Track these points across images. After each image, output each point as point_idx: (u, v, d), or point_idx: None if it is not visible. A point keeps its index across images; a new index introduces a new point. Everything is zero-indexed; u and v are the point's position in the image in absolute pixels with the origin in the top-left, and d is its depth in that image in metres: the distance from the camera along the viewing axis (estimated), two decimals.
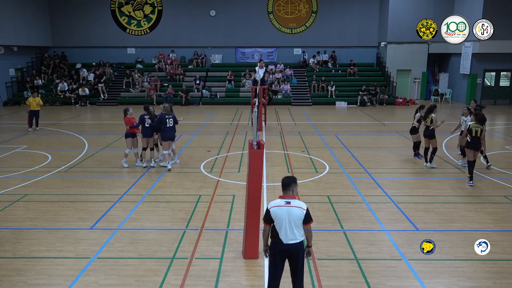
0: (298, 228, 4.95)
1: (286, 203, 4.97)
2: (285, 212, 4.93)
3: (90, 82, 26.90)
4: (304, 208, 4.97)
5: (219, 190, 9.91)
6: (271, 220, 5.00)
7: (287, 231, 4.93)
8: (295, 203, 4.98)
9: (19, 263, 6.56)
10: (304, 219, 4.94)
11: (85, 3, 28.63)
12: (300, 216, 4.93)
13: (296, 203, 4.99)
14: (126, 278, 6.10)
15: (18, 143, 15.02)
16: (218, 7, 28.67)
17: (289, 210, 4.93)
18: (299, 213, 4.94)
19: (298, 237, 4.96)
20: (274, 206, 5.00)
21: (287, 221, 4.92)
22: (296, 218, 4.92)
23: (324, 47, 29.26)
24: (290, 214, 4.92)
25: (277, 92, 26.50)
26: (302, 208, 4.96)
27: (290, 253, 5.00)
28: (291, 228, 4.92)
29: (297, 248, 4.98)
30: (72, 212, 8.57)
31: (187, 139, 15.60)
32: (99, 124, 20.16)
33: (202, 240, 7.28)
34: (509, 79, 26.09)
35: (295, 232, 4.94)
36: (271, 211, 4.99)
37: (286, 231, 4.93)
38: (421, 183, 10.62)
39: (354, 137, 16.06)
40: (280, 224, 4.94)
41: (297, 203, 4.99)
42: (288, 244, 4.95)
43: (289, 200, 4.99)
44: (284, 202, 4.98)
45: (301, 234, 5.00)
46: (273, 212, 4.97)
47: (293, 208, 4.94)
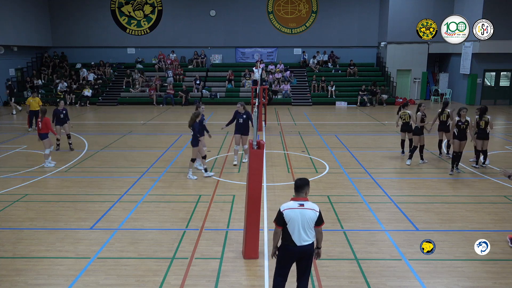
0: (310, 230, 4.96)
1: (299, 205, 4.95)
2: (299, 214, 4.92)
3: (90, 82, 26.92)
4: (317, 210, 4.98)
5: (219, 190, 9.91)
6: (284, 223, 4.96)
7: (300, 234, 4.93)
8: (309, 205, 4.98)
9: (19, 263, 6.56)
10: (316, 221, 4.96)
11: (85, 3, 28.64)
12: (313, 218, 4.94)
13: (309, 205, 4.99)
14: (126, 278, 6.10)
15: (18, 143, 15.02)
16: (218, 7, 28.67)
17: (302, 212, 4.92)
18: (312, 215, 4.94)
19: (310, 238, 4.99)
20: (287, 209, 4.96)
21: (300, 223, 4.91)
22: (309, 220, 4.93)
23: (324, 47, 29.25)
24: (304, 216, 4.91)
25: (277, 92, 26.51)
26: (315, 210, 4.97)
27: (302, 255, 5.03)
28: (304, 230, 4.93)
29: (309, 249, 5.02)
30: (72, 212, 8.58)
31: (187, 139, 15.60)
32: (99, 124, 20.17)
33: (202, 240, 7.28)
34: (509, 79, 26.09)
35: (307, 234, 4.96)
36: (284, 213, 4.95)
37: (299, 234, 4.93)
38: (421, 183, 10.62)
39: (354, 137, 16.06)
40: (293, 226, 4.92)
41: (311, 205, 4.99)
42: (301, 246, 4.96)
43: (303, 202, 4.98)
44: (298, 205, 4.96)
45: (313, 236, 5.03)
46: (286, 214, 4.94)
47: (306, 210, 4.94)
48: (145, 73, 27.94)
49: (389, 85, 27.18)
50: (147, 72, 28.17)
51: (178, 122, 19.98)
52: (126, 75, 27.49)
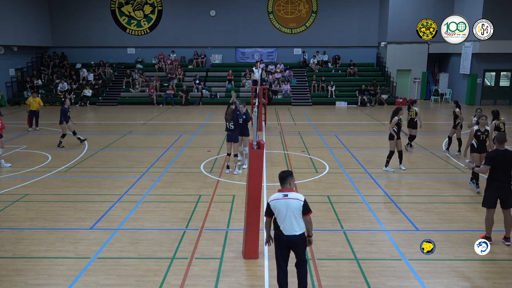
0: (298, 219, 5.17)
1: (284, 196, 5.21)
2: (284, 204, 5.17)
3: (90, 82, 26.93)
4: (301, 200, 5.20)
5: (219, 190, 9.91)
6: (271, 213, 5.26)
7: (288, 223, 5.16)
8: (293, 195, 5.22)
9: (19, 263, 6.56)
10: (302, 210, 5.17)
11: (85, 3, 28.63)
12: (298, 207, 5.16)
13: (293, 195, 5.22)
14: (126, 278, 6.10)
15: (18, 143, 15.02)
16: (218, 7, 28.66)
17: (287, 202, 5.17)
18: (297, 204, 5.16)
19: (298, 229, 5.19)
20: (273, 200, 5.25)
21: (286, 213, 5.15)
22: (295, 209, 5.15)
23: (324, 47, 29.24)
24: (289, 206, 5.15)
25: (277, 92, 26.51)
26: (299, 200, 5.19)
27: (292, 244, 5.26)
28: (291, 220, 5.15)
29: (298, 240, 5.22)
30: (72, 212, 8.58)
31: (187, 139, 15.60)
32: (99, 124, 20.17)
33: (202, 240, 7.28)
34: (509, 79, 26.08)
35: (294, 224, 5.16)
36: (270, 204, 5.24)
37: (286, 223, 5.16)
38: (421, 183, 10.62)
39: (354, 137, 16.06)
40: (281, 216, 5.17)
41: (294, 195, 5.22)
42: (289, 236, 5.19)
43: (287, 193, 5.23)
44: (282, 195, 5.22)
45: (302, 227, 5.23)
46: (272, 205, 5.22)
47: (291, 200, 5.17)
48: (145, 73, 27.94)
49: (389, 85, 27.17)
50: (147, 72, 28.17)
51: (178, 122, 19.98)
52: (126, 75, 27.49)
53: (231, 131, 10.98)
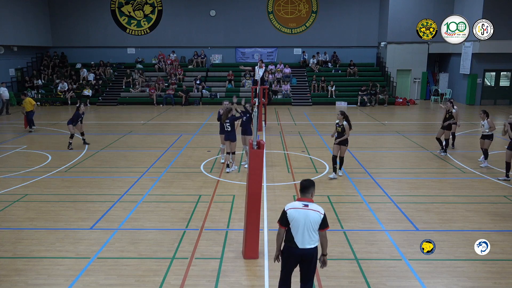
0: (313, 233, 4.84)
1: (304, 206, 4.84)
2: (303, 214, 4.81)
3: (90, 82, 26.92)
4: (322, 213, 4.86)
5: (219, 190, 9.91)
6: (287, 223, 4.86)
7: (303, 236, 4.82)
8: (313, 206, 4.87)
9: (19, 263, 6.56)
10: (321, 224, 4.84)
11: (85, 3, 28.63)
12: (317, 221, 4.82)
13: (314, 206, 4.87)
14: (126, 278, 6.10)
15: (18, 143, 15.02)
16: (218, 7, 28.66)
17: (306, 213, 4.81)
18: (316, 217, 4.82)
19: (313, 242, 4.87)
20: (292, 208, 4.87)
21: (303, 224, 4.80)
22: (313, 222, 4.81)
23: (324, 47, 29.24)
24: (307, 218, 4.80)
25: (277, 92, 26.51)
26: (320, 213, 4.85)
27: (304, 258, 4.92)
28: (307, 233, 4.82)
29: (311, 253, 4.90)
30: (72, 212, 8.58)
31: (187, 139, 15.60)
32: (99, 124, 20.16)
33: (202, 240, 7.28)
34: (509, 79, 26.07)
35: (310, 237, 4.84)
36: (288, 213, 4.86)
37: (301, 236, 4.82)
38: (421, 183, 10.62)
39: (354, 137, 16.02)
40: (296, 227, 4.82)
41: (315, 207, 4.87)
42: (303, 249, 4.85)
43: (307, 203, 4.87)
44: (302, 205, 4.85)
45: (316, 240, 4.90)
46: (290, 214, 4.84)
47: (310, 212, 4.82)
48: (145, 73, 27.94)
49: (389, 85, 27.17)
50: (147, 72, 28.17)
51: (178, 122, 19.98)
52: (126, 75, 27.48)
53: (228, 132, 11.13)
